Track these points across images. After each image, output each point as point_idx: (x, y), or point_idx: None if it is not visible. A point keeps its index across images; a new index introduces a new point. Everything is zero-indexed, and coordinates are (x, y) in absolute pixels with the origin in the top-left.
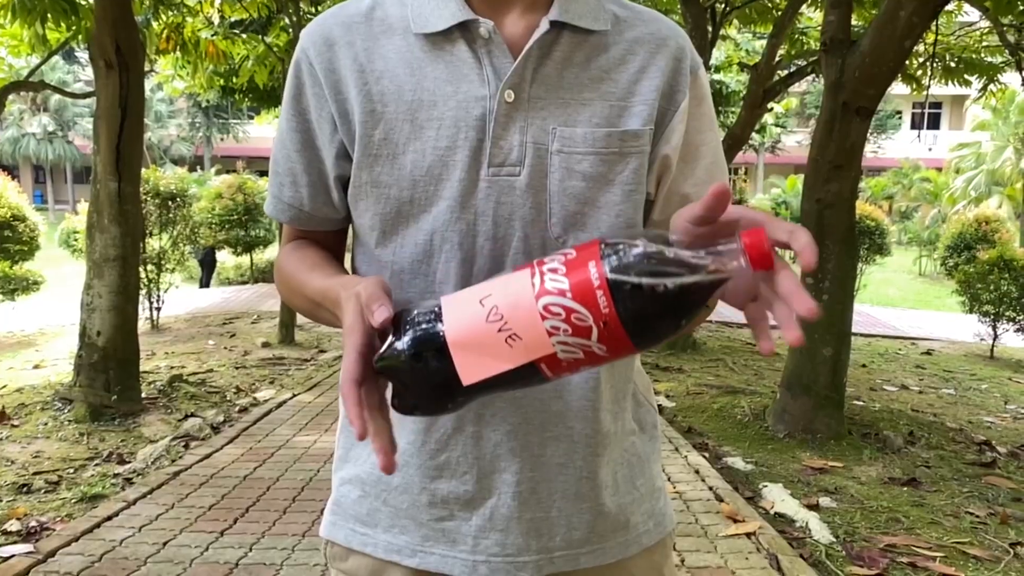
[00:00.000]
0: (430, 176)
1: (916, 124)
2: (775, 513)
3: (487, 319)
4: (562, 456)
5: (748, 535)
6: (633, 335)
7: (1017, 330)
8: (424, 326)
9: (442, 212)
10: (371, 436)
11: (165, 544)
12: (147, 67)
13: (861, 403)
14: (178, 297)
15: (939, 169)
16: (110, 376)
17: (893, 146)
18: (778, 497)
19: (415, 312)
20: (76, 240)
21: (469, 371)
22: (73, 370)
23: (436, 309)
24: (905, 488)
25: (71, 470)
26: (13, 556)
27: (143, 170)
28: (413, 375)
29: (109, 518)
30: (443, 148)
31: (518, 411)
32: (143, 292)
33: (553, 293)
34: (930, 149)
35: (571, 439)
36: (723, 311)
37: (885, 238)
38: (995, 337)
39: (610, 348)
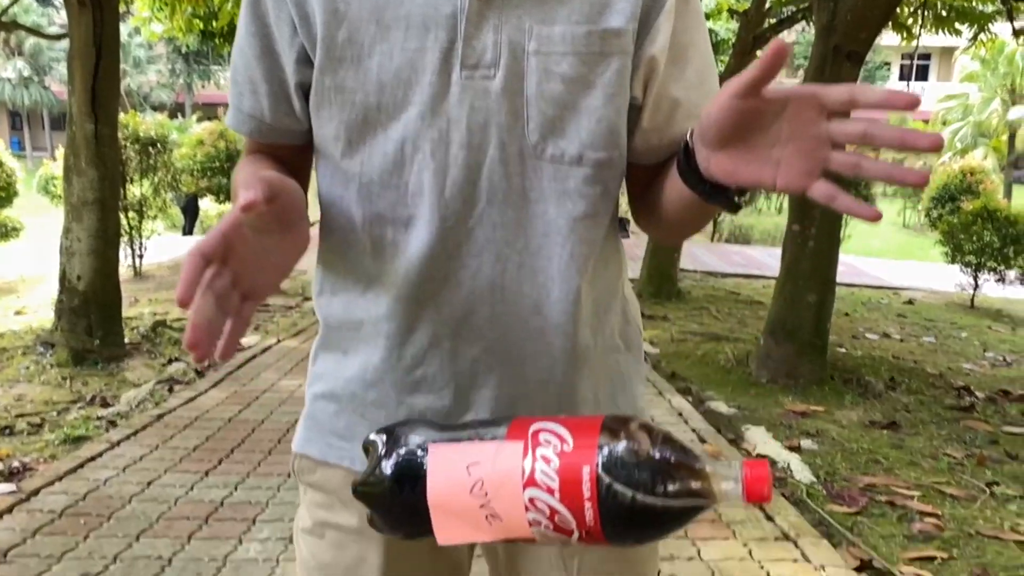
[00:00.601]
0: (398, 80)
1: (905, 76)
2: (757, 454)
3: (471, 491)
4: (541, 372)
5: None
6: (611, 540)
7: (998, 280)
8: (407, 472)
9: (412, 119)
10: (191, 311)
11: (149, 484)
12: (123, 8)
13: (843, 350)
14: (161, 244)
15: (926, 121)
16: (92, 320)
17: None
18: (760, 439)
19: (401, 449)
20: (55, 186)
21: (445, 533)
22: (54, 315)
23: (421, 454)
24: (885, 431)
25: (54, 413)
26: None
27: (122, 115)
28: (389, 510)
29: (93, 459)
30: (412, 49)
31: (496, 327)
32: (125, 239)
33: (541, 488)
34: None
35: (550, 355)
36: (708, 261)
37: (870, 189)
38: (976, 287)
39: (585, 542)
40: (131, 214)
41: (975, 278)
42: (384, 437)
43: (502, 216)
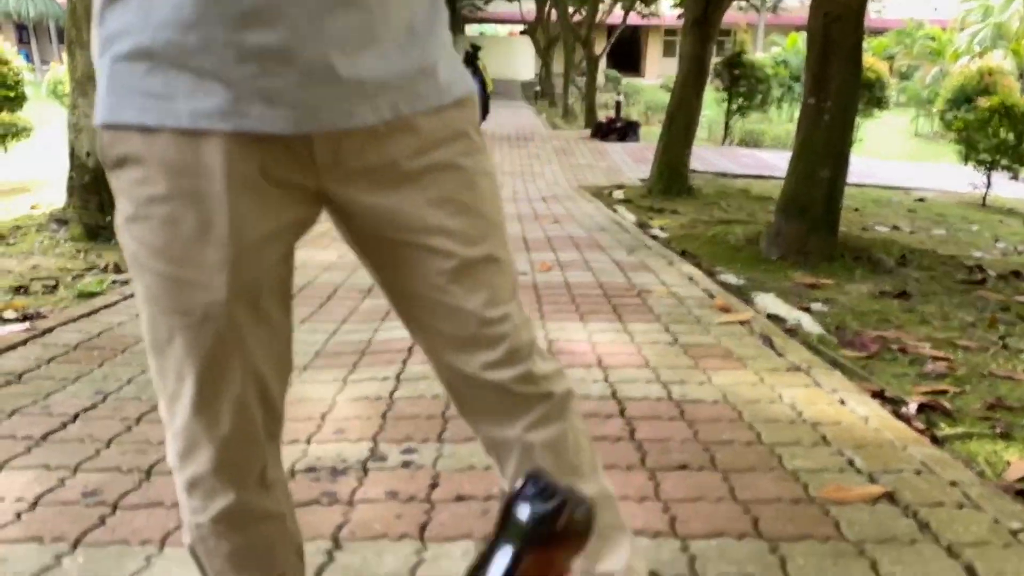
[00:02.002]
0: None
1: None
2: (767, 314)
3: None
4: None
5: (741, 323)
6: None
7: (1012, 178)
8: None
9: None
10: None
11: None
12: None
13: (854, 234)
14: None
15: (944, 28)
16: (103, 197)
17: (897, 6)
18: (769, 303)
19: None
20: (63, 88)
21: None
22: (67, 192)
23: None
24: (896, 300)
25: (69, 278)
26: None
27: None
28: None
29: (107, 307)
30: None
31: None
32: None
33: None
34: (936, 9)
35: None
36: (718, 163)
37: (885, 91)
38: (988, 185)
39: None
40: None
41: (988, 176)
42: None
43: None
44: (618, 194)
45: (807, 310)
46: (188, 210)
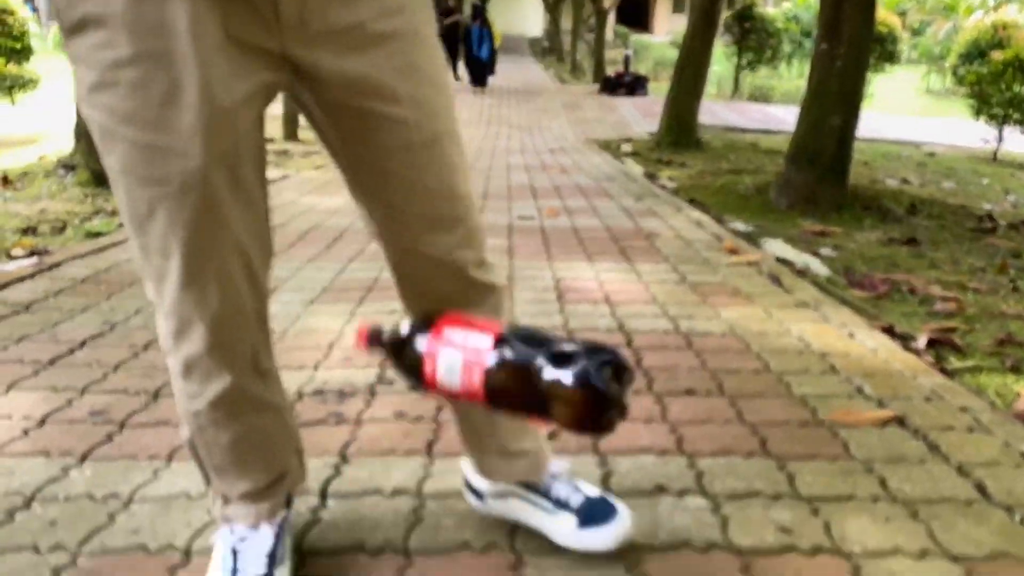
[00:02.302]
0: None
1: None
2: (776, 258)
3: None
4: None
5: (749, 263)
6: None
7: None
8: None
9: None
10: None
11: None
12: None
13: (863, 185)
14: None
15: None
16: None
17: None
18: (778, 248)
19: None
20: None
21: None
22: (74, 136)
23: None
24: (905, 247)
25: (77, 220)
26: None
27: None
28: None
29: (115, 244)
30: None
31: None
32: None
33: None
34: None
35: None
36: (727, 117)
37: (896, 44)
38: (1000, 140)
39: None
40: None
41: (1000, 131)
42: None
43: None
44: (626, 147)
45: (816, 255)
46: (157, 72)
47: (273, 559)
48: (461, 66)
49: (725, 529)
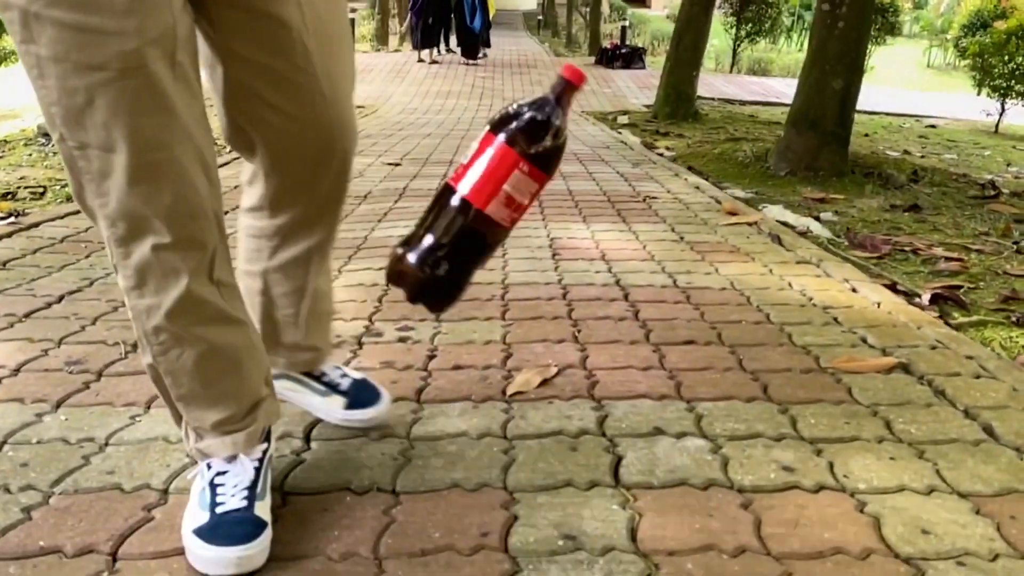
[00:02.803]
0: None
1: None
2: (775, 221)
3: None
4: None
5: (749, 224)
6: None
7: None
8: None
9: None
10: None
11: None
12: None
13: (865, 153)
14: None
15: None
16: None
17: None
18: (777, 213)
19: None
20: None
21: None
22: None
23: None
24: (907, 213)
25: (58, 186)
26: None
27: None
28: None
29: None
30: None
31: None
32: None
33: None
34: None
35: None
36: (726, 90)
37: (898, 16)
38: (1002, 112)
39: None
40: None
41: (1002, 103)
42: None
43: None
44: (622, 119)
45: (816, 219)
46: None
47: (253, 493)
48: (453, 38)
49: (725, 468)
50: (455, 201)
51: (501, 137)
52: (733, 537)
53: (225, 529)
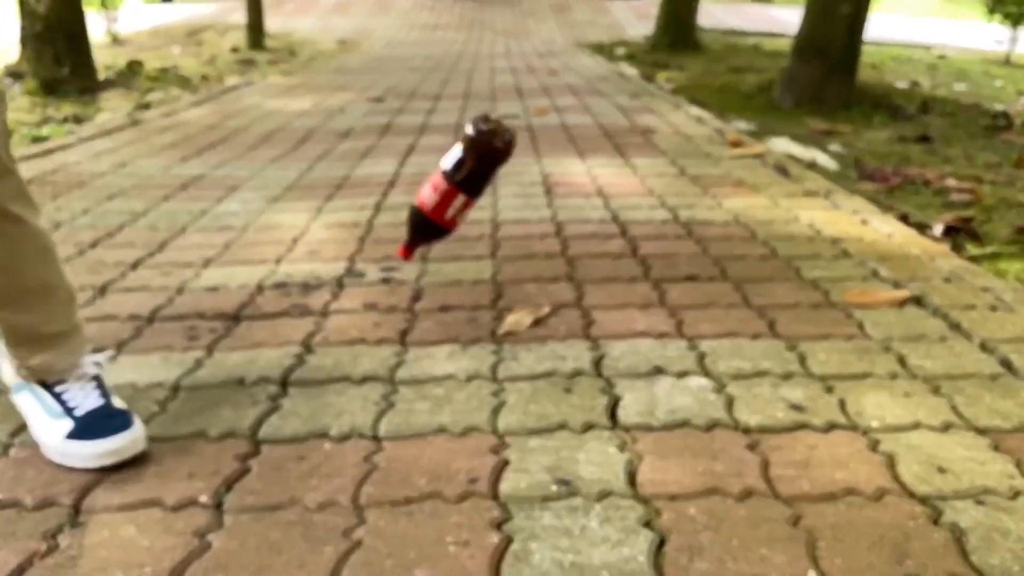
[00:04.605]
0: None
1: None
2: (782, 153)
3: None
4: None
5: (754, 156)
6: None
7: None
8: None
9: None
10: None
11: (123, 165)
12: None
13: (873, 83)
14: (140, 13)
15: None
16: (58, 49)
17: None
18: (783, 145)
19: None
20: None
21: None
22: (19, 43)
23: None
24: (917, 144)
25: (25, 130)
26: None
27: None
28: None
29: (62, 148)
30: None
31: None
32: (98, 8)
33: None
34: None
35: None
36: (728, 20)
37: None
38: (1014, 41)
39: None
40: None
41: (1014, 32)
42: None
43: None
44: (620, 50)
45: (823, 151)
46: None
47: (105, 391)
48: None
49: (730, 408)
50: None
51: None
52: (739, 480)
53: (99, 423)
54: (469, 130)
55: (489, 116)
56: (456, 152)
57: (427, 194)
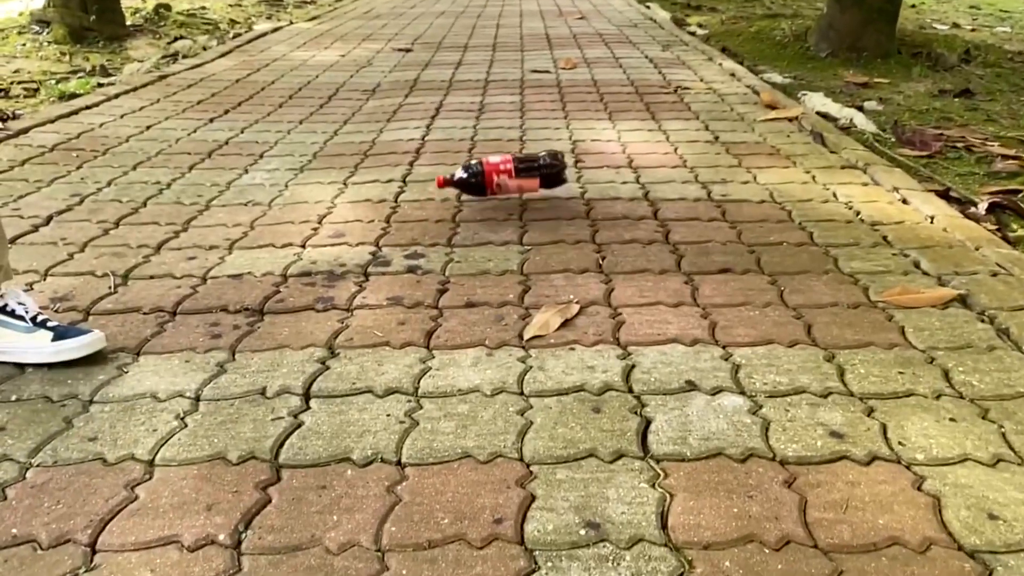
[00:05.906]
0: None
1: None
2: (816, 112)
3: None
4: None
5: (789, 119)
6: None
7: None
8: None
9: None
10: None
11: (148, 128)
12: None
13: (911, 30)
14: None
15: None
16: None
17: None
18: (818, 102)
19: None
20: None
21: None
22: None
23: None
24: (958, 99)
25: (52, 81)
26: None
27: None
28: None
29: (88, 107)
30: None
31: None
32: None
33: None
34: None
35: None
36: None
37: None
38: None
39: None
40: None
41: None
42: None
43: None
44: None
45: (860, 109)
46: None
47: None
48: None
49: (766, 434)
50: None
51: None
52: (775, 525)
53: (71, 330)
54: (545, 159)
55: (558, 154)
56: (532, 157)
57: (495, 160)
